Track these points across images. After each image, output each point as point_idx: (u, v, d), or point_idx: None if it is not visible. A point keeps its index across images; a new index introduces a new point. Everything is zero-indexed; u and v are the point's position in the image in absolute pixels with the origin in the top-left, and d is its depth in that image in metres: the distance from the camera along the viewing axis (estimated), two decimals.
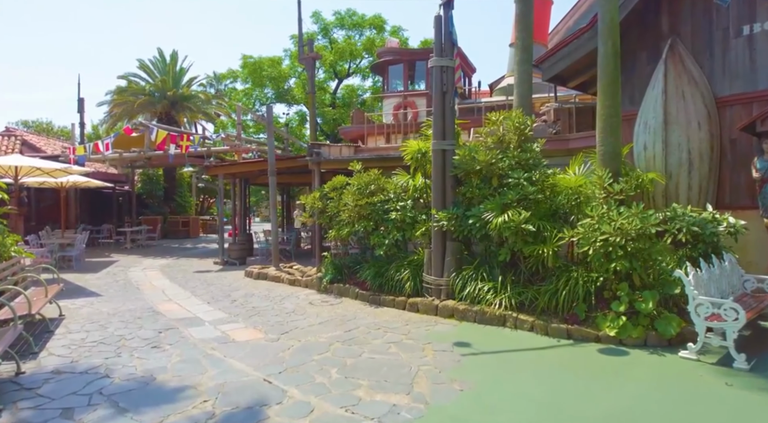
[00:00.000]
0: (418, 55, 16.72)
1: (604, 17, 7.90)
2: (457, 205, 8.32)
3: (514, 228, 7.16)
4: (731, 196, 8.91)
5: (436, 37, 8.55)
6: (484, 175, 8.11)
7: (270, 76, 23.71)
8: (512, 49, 16.64)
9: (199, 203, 35.12)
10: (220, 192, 15.91)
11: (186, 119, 27.00)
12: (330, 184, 10.36)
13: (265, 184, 23.81)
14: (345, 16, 24.92)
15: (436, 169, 8.40)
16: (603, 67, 7.86)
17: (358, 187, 9.64)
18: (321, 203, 10.38)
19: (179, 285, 11.29)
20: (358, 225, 9.36)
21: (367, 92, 26.04)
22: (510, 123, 8.17)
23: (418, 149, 9.06)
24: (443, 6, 8.55)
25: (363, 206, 9.38)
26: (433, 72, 8.53)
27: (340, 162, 11.49)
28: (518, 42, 9.05)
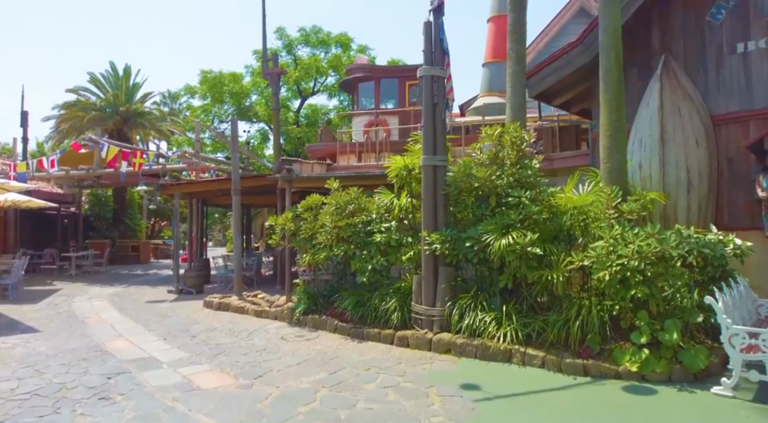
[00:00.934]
0: (389, 73, 16.16)
1: (606, 28, 7.44)
2: (449, 227, 7.54)
3: (519, 251, 6.42)
4: (730, 217, 8.54)
5: (425, 45, 7.87)
6: (480, 194, 7.39)
7: (231, 92, 22.56)
8: (485, 68, 16.36)
9: (150, 226, 33.11)
10: (176, 213, 14.62)
11: (139, 137, 25.44)
12: (304, 203, 9.41)
13: (225, 205, 22.48)
14: (310, 33, 24.20)
15: (426, 187, 7.62)
16: (606, 80, 7.37)
17: (337, 207, 8.75)
18: (293, 225, 9.39)
19: (130, 318, 9.97)
20: (337, 248, 8.43)
21: (331, 112, 25.26)
22: (507, 138, 7.53)
23: (405, 166, 8.27)
24: (433, 12, 7.91)
25: (343, 228, 8.47)
26: (423, 82, 7.82)
27: (314, 180, 10.57)
28: (511, 53, 8.51)
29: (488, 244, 6.71)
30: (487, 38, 16.43)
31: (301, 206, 9.44)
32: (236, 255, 11.74)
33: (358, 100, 16.62)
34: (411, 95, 15.76)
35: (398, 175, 8.38)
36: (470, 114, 15.62)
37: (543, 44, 18.00)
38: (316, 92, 25.41)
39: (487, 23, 16.50)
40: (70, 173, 17.23)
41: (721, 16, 8.83)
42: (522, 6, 8.56)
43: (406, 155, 8.44)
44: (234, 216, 11.91)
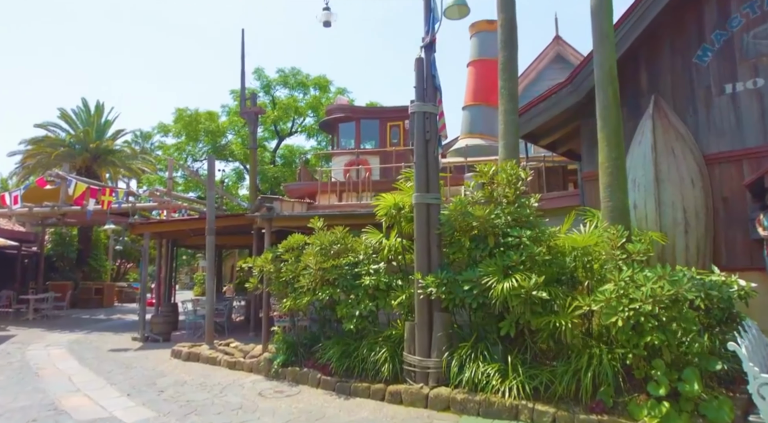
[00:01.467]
0: (370, 114, 16.00)
1: (602, 65, 7.31)
2: (443, 268, 7.05)
3: (524, 296, 5.95)
4: (728, 257, 8.30)
5: (417, 81, 7.60)
6: (477, 234, 6.96)
7: (207, 130, 22.06)
8: (466, 111, 16.36)
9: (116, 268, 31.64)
10: (144, 254, 13.75)
11: (109, 175, 24.54)
12: (285, 243, 8.82)
13: (196, 246, 21.55)
14: (289, 75, 24.10)
15: (419, 227, 7.16)
16: (604, 117, 7.17)
17: (321, 248, 8.18)
18: (273, 267, 8.76)
19: (91, 369, 9.04)
20: (322, 292, 7.81)
21: (308, 152, 24.91)
22: (503, 175, 7.18)
23: (394, 204, 7.84)
24: (424, 48, 7.68)
25: (328, 270, 7.89)
26: (415, 118, 7.49)
27: (296, 219, 10.02)
28: (503, 91, 8.31)
29: (489, 288, 6.23)
30: (468, 82, 16.51)
31: (282, 246, 8.85)
32: (209, 300, 10.96)
33: (338, 140, 16.33)
34: (392, 136, 15.57)
35: (387, 214, 7.93)
36: (452, 155, 15.46)
37: (522, 88, 18.15)
38: (294, 132, 25.15)
39: (467, 67, 16.63)
40: (33, 210, 16.28)
41: (707, 58, 8.87)
42: (513, 45, 8.44)
43: (396, 193, 8.01)
44: (208, 257, 11.19)
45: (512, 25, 8.49)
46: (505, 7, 8.52)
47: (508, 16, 8.48)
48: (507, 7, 8.51)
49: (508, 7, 8.52)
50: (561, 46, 18.38)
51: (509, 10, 8.51)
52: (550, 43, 18.54)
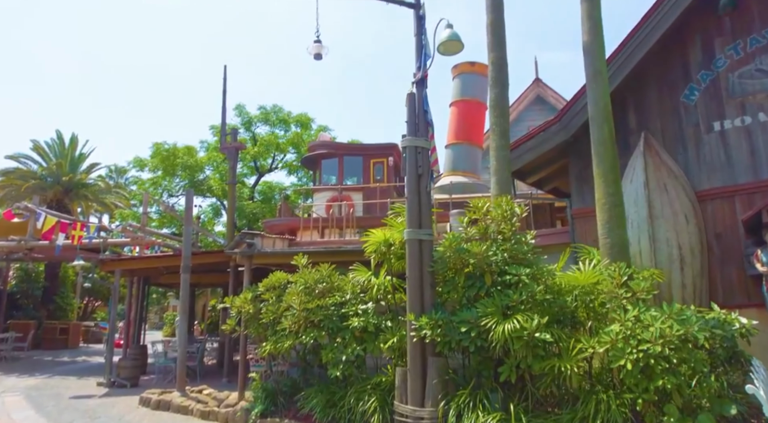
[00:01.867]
0: (354, 150, 15.79)
1: (597, 102, 7.24)
2: (437, 309, 6.65)
3: (526, 338, 5.58)
4: (725, 294, 8.12)
5: (409, 116, 7.39)
6: (472, 272, 6.62)
7: (185, 164, 21.53)
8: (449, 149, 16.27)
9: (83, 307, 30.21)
10: (114, 292, 13.01)
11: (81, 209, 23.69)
12: (267, 282, 8.34)
13: (169, 285, 20.70)
14: (270, 112, 23.94)
15: (412, 264, 6.79)
16: (600, 154, 7.05)
17: (306, 286, 7.73)
18: (253, 307, 8.23)
19: (49, 419, 8.24)
20: (306, 335, 7.29)
21: (288, 189, 24.48)
22: (498, 211, 6.92)
23: (384, 240, 7.48)
24: (416, 84, 7.52)
25: (313, 310, 7.41)
26: (407, 153, 7.25)
27: (279, 255, 9.55)
28: (495, 127, 8.19)
29: (488, 329, 5.85)
30: (450, 121, 16.50)
31: (262, 285, 8.35)
32: (181, 342, 10.28)
33: (320, 177, 16.04)
34: (375, 173, 15.35)
35: (377, 251, 7.55)
36: (436, 192, 15.24)
37: None
38: (274, 169, 24.81)
39: (450, 107, 16.66)
40: None
41: (695, 97, 8.92)
42: (503, 83, 8.39)
43: (385, 229, 7.67)
44: (181, 296, 10.57)
45: (502, 63, 8.45)
46: (495, 46, 8.50)
47: (498, 55, 8.45)
48: (497, 47, 8.49)
49: (499, 46, 8.50)
50: (541, 88, 18.70)
51: (499, 49, 8.49)
52: (530, 85, 18.87)
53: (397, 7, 7.60)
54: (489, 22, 8.77)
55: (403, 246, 7.36)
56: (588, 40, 7.57)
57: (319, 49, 7.13)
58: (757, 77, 8.51)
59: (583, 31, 7.68)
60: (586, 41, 7.59)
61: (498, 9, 8.79)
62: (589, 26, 7.60)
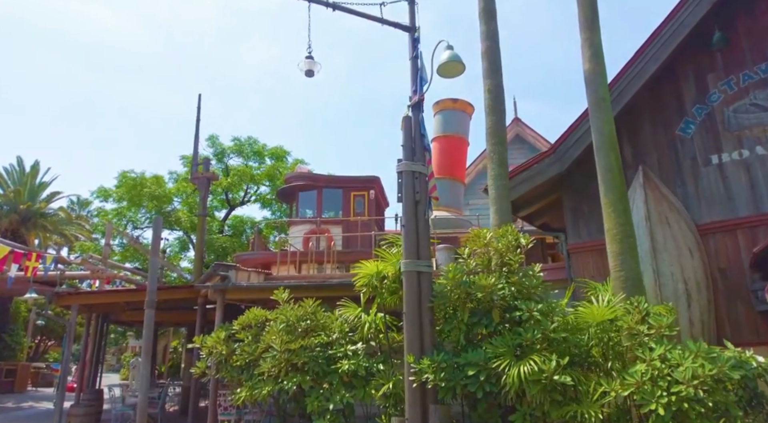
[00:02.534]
0: (333, 182, 15.21)
1: (601, 130, 6.92)
2: (439, 349, 5.99)
3: (545, 381, 4.96)
4: (733, 331, 7.72)
5: (405, 140, 6.92)
6: (477, 308, 6.03)
7: (152, 195, 20.45)
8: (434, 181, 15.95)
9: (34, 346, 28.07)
10: (70, 330, 11.83)
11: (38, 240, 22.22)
12: (242, 319, 7.53)
13: (130, 323, 19.19)
14: (244, 143, 23.26)
15: (410, 299, 6.15)
16: (608, 182, 6.68)
17: (287, 324, 6.98)
18: (226, 348, 7.39)
19: None
20: (288, 380, 6.48)
21: (261, 223, 23.52)
22: (503, 241, 6.40)
23: (377, 272, 6.84)
24: (412, 108, 7.09)
25: (296, 352, 6.63)
26: (403, 178, 6.73)
27: (256, 290, 8.77)
28: (493, 155, 7.80)
29: (498, 373, 5.21)
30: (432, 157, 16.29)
31: (237, 323, 7.54)
32: (143, 387, 9.20)
33: (297, 209, 15.37)
34: (356, 206, 14.79)
35: (368, 284, 6.89)
36: None
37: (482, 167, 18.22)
38: (246, 202, 23.95)
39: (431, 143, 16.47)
40: None
41: (690, 131, 8.77)
42: (500, 110, 8.07)
43: (378, 261, 7.04)
44: (145, 335, 9.54)
45: (499, 91, 8.17)
46: (491, 73, 8.23)
47: (494, 82, 8.18)
48: (493, 74, 8.22)
49: (494, 73, 8.24)
50: (520, 128, 18.73)
51: (495, 76, 8.22)
52: (509, 124, 18.84)
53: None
54: (484, 50, 8.52)
55: (397, 279, 6.74)
56: (589, 67, 7.33)
57: (312, 65, 6.64)
58: (753, 111, 8.41)
59: (584, 60, 7.45)
60: (588, 69, 7.34)
61: (493, 37, 8.57)
62: (590, 54, 7.37)
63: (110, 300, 12.29)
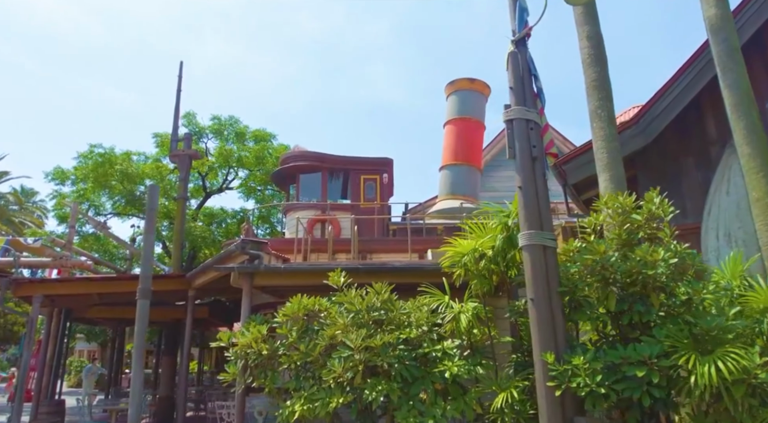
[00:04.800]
0: (341, 164, 13.41)
1: (737, 86, 5.96)
2: (575, 348, 4.59)
3: (754, 381, 3.67)
4: None
5: (514, 80, 5.52)
6: (625, 293, 4.69)
7: (124, 173, 17.81)
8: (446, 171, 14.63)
9: None
10: (31, 327, 9.69)
11: None
12: (288, 309, 5.83)
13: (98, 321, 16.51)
14: (225, 123, 21.02)
15: (538, 282, 4.72)
16: (753, 145, 5.73)
17: (356, 314, 5.39)
18: (266, 347, 5.69)
19: None
20: (371, 389, 4.87)
21: (252, 211, 21.02)
22: (645, 209, 5.11)
23: (473, 250, 5.39)
24: (516, 44, 5.68)
25: (377, 350, 5.04)
26: (515, 128, 5.32)
27: (297, 274, 7.05)
28: (600, 112, 6.54)
29: (670, 375, 3.88)
30: (445, 141, 14.99)
31: (282, 314, 5.84)
32: (135, 394, 7.32)
33: (298, 193, 13.59)
34: (367, 191, 13.18)
35: (462, 265, 5.44)
36: (431, 218, 13.38)
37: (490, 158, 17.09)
38: (226, 188, 21.67)
39: (445, 127, 15.17)
40: None
41: None
42: (603, 60, 6.84)
43: (473, 235, 5.59)
44: (137, 332, 7.66)
45: (599, 38, 6.94)
46: (588, 19, 6.97)
47: (593, 30, 6.93)
48: (590, 19, 6.97)
49: (592, 19, 6.98)
50: None
51: (593, 23, 6.98)
52: None
53: None
54: None
55: (497, 258, 5.35)
56: (716, 13, 6.21)
57: None
58: None
59: (707, 6, 6.31)
60: (714, 15, 6.21)
61: None
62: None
63: (81, 290, 10.18)
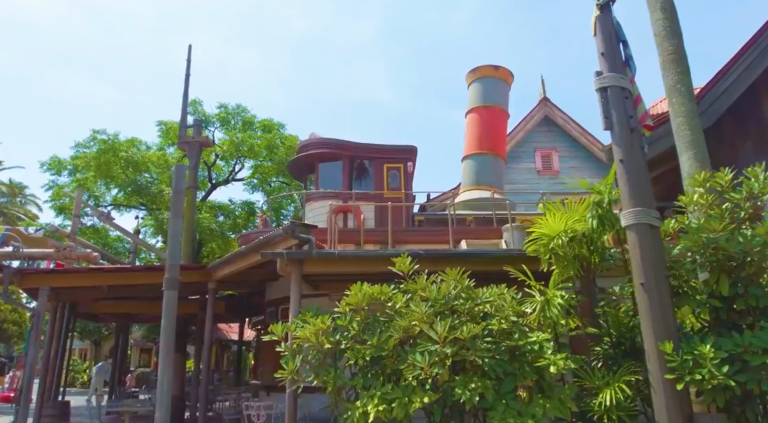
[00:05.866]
0: (363, 152, 12.69)
1: None
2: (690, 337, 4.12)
3: None
4: None
5: (605, 46, 5.01)
6: (742, 275, 4.22)
7: (129, 160, 16.86)
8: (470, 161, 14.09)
9: None
10: (37, 321, 8.98)
11: None
12: (352, 299, 5.23)
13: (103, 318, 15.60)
14: (232, 112, 20.21)
15: (648, 264, 4.22)
16: None
17: (432, 303, 4.84)
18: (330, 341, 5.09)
19: None
20: (462, 387, 4.29)
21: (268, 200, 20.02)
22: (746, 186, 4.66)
23: (564, 231, 4.87)
24: (601, 8, 5.17)
25: (466, 343, 4.48)
26: (610, 97, 4.81)
27: (354, 261, 6.44)
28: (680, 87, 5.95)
29: None
30: (469, 130, 14.42)
31: (345, 304, 5.26)
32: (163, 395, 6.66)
33: (317, 182, 12.96)
34: (390, 180, 12.58)
35: (549, 249, 4.91)
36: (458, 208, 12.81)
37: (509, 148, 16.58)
38: (234, 180, 20.85)
39: (467, 116, 14.62)
40: None
41: None
42: (678, 32, 6.27)
43: (565, 214, 5.07)
44: (165, 327, 6.99)
45: (673, 10, 6.40)
46: None
47: (667, 1, 6.38)
48: None
49: None
50: (549, 108, 17.22)
51: None
52: (536, 105, 17.31)
53: None
54: None
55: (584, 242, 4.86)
56: None
57: None
58: None
59: None
60: None
61: None
62: None
63: (91, 282, 9.46)
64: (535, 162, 16.79)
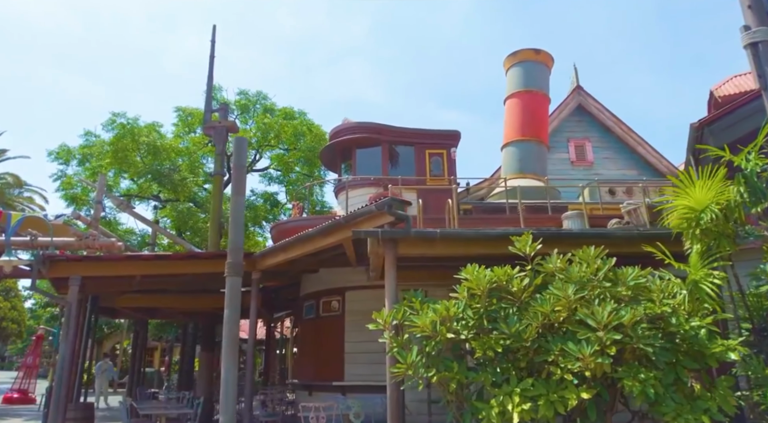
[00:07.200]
0: (403, 137, 11.95)
1: None
2: None
3: None
4: None
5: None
6: None
7: (151, 145, 15.88)
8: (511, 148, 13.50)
9: None
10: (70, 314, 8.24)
11: None
12: (473, 282, 4.57)
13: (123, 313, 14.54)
14: (253, 99, 19.32)
15: None
16: None
17: (580, 284, 4.23)
18: (446, 329, 4.44)
19: None
20: (633, 379, 3.67)
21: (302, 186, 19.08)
22: None
23: (715, 201, 4.29)
24: None
25: (628, 330, 3.85)
26: (761, 53, 4.26)
27: (457, 241, 5.75)
28: None
29: None
30: (510, 116, 13.89)
31: (463, 288, 4.60)
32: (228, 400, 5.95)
33: (354, 169, 12.26)
34: (432, 167, 11.93)
35: (691, 220, 4.35)
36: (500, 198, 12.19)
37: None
38: (256, 170, 19.95)
39: (507, 100, 14.09)
40: None
41: None
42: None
43: (710, 182, 4.46)
44: (228, 318, 6.28)
45: None
46: None
47: None
48: None
49: None
50: (582, 97, 16.65)
51: None
52: (570, 94, 16.75)
53: None
54: None
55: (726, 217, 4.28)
56: None
57: None
58: None
59: None
60: None
61: None
62: None
63: (126, 271, 8.72)
64: (568, 152, 16.20)
